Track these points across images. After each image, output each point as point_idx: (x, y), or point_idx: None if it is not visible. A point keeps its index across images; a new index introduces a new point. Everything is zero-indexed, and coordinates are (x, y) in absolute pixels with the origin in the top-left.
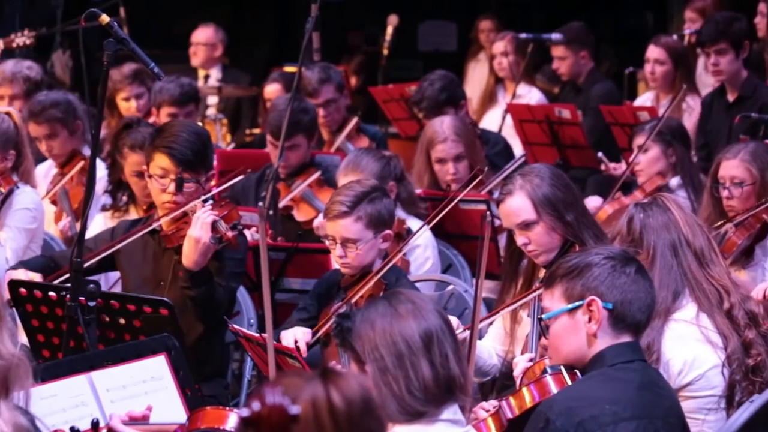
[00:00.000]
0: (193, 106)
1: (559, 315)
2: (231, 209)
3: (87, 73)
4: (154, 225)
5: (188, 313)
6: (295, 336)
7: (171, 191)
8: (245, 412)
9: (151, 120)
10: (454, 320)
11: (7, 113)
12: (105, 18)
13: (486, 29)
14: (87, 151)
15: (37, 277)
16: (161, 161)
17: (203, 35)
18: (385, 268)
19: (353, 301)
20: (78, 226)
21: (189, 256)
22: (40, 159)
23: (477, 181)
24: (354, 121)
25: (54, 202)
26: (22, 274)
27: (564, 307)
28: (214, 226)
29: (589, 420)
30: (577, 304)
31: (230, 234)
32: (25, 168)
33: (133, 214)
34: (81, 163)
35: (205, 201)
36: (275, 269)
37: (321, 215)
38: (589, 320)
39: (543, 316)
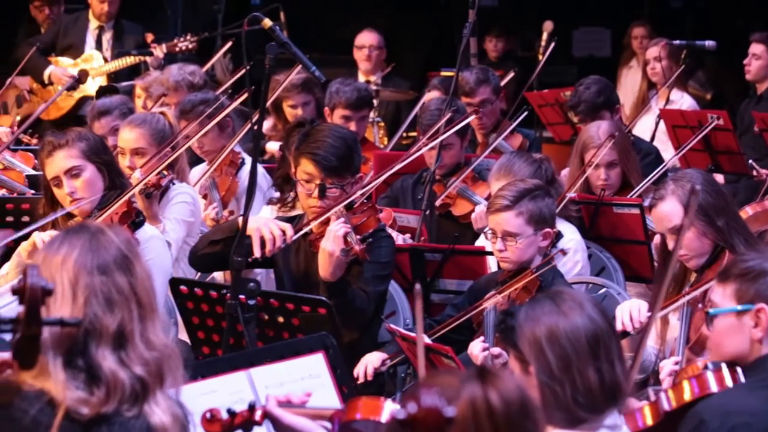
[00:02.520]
0: (367, 111)
1: (726, 313)
2: (369, 216)
3: (249, 75)
4: (305, 229)
5: None
6: (367, 361)
7: (315, 197)
8: (401, 413)
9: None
10: (643, 304)
11: (162, 113)
12: (267, 22)
13: (639, 36)
14: (237, 148)
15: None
16: (306, 167)
17: (368, 39)
18: (544, 267)
19: (507, 293)
20: (226, 213)
21: (324, 267)
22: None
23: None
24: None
25: (205, 196)
26: None
27: (733, 308)
28: (344, 239)
29: (741, 427)
30: (746, 307)
31: (358, 248)
32: (180, 166)
33: (299, 210)
34: (227, 152)
35: (348, 206)
36: (431, 270)
37: (478, 207)
38: (756, 326)
39: (710, 310)
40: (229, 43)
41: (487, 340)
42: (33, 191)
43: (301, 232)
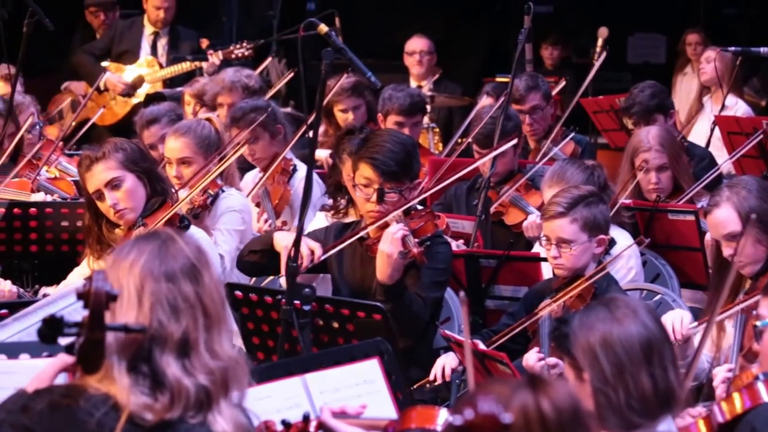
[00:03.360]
0: (419, 117)
1: None
2: (427, 221)
3: (304, 81)
4: (362, 233)
5: None
6: (444, 362)
7: (373, 201)
8: (458, 419)
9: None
10: (687, 315)
11: (208, 119)
12: (323, 28)
13: (693, 42)
14: (288, 155)
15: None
16: (365, 171)
17: (418, 44)
18: (598, 275)
19: (562, 301)
20: (278, 222)
21: (381, 269)
22: (244, 168)
23: None
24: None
25: (258, 204)
26: None
27: None
28: (402, 241)
29: None
30: None
31: (416, 250)
32: (229, 172)
33: (352, 217)
34: (279, 161)
35: (405, 212)
36: (486, 276)
37: (530, 216)
38: None
39: (758, 323)
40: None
41: (543, 349)
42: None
43: (357, 236)
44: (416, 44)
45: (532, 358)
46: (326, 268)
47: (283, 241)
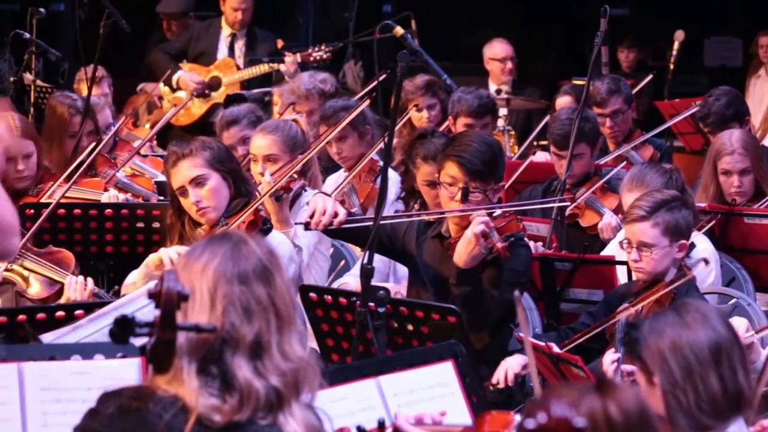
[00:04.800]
0: (489, 118)
1: None
2: (510, 221)
3: (379, 83)
4: (443, 231)
5: None
6: (507, 366)
7: (458, 200)
8: (530, 423)
9: (443, 127)
10: (743, 322)
11: (294, 120)
12: (399, 30)
13: (765, 44)
14: (375, 155)
15: None
16: (451, 169)
17: (500, 49)
18: (679, 281)
19: (640, 306)
20: None
21: (460, 253)
22: (328, 170)
23: None
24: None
25: (342, 202)
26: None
27: None
28: (486, 235)
29: None
30: None
31: (500, 245)
32: (313, 173)
33: None
34: (368, 160)
35: (489, 213)
36: (561, 279)
37: (605, 217)
38: None
39: None
40: None
41: (619, 353)
42: (161, 197)
43: (435, 232)
44: (501, 49)
45: (606, 361)
46: (408, 261)
47: (316, 197)
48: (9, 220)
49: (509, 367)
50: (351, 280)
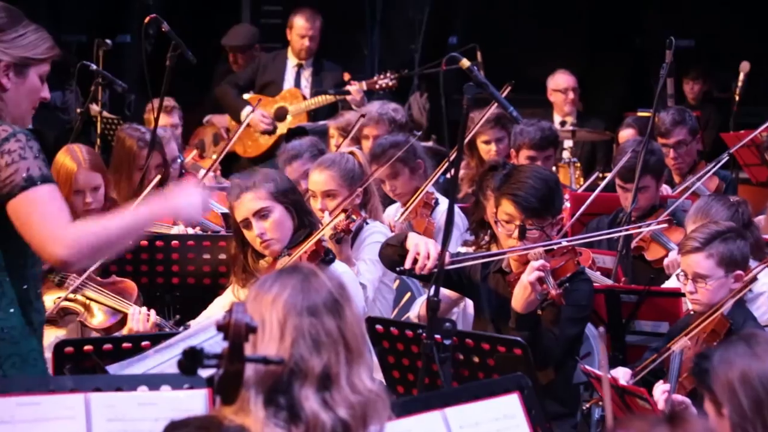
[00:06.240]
0: (551, 150)
1: None
2: (568, 261)
3: (446, 115)
4: (504, 266)
5: None
6: (616, 373)
7: (515, 237)
8: None
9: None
10: None
11: (351, 152)
12: (465, 62)
13: None
14: (430, 188)
15: None
16: (507, 207)
17: (563, 81)
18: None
19: (693, 334)
20: None
21: (517, 299)
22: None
23: None
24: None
25: None
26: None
27: None
28: (542, 280)
29: None
30: None
31: (554, 292)
32: (373, 205)
33: None
34: (422, 195)
35: (547, 249)
36: (627, 311)
37: (671, 254)
38: None
39: None
40: None
41: (670, 383)
42: (226, 230)
43: (497, 267)
44: (564, 80)
45: (657, 391)
46: (473, 293)
47: (413, 240)
48: (54, 230)
49: (619, 378)
50: None
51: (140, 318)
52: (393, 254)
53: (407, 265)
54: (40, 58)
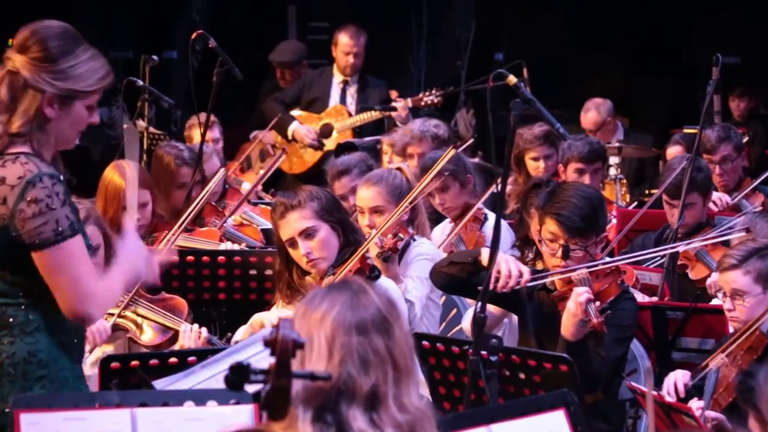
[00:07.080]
0: (600, 164)
1: None
2: (611, 283)
3: (493, 131)
4: (548, 284)
5: None
6: (675, 377)
7: (559, 256)
8: None
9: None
10: None
11: (399, 168)
12: (512, 79)
13: None
14: (479, 204)
15: None
16: (550, 226)
17: (590, 122)
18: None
19: (729, 351)
20: None
21: (566, 327)
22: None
23: None
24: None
25: (450, 252)
26: None
27: None
28: (585, 309)
29: None
30: None
31: (596, 321)
32: (420, 221)
33: None
34: (474, 210)
35: (590, 268)
36: (673, 328)
37: (714, 274)
38: None
39: None
40: None
41: (705, 399)
42: (267, 246)
43: (538, 282)
44: (592, 119)
45: (692, 407)
46: (518, 309)
47: (500, 257)
48: (89, 287)
49: (677, 379)
50: None
51: (192, 335)
52: (460, 272)
53: (491, 283)
54: (88, 91)
